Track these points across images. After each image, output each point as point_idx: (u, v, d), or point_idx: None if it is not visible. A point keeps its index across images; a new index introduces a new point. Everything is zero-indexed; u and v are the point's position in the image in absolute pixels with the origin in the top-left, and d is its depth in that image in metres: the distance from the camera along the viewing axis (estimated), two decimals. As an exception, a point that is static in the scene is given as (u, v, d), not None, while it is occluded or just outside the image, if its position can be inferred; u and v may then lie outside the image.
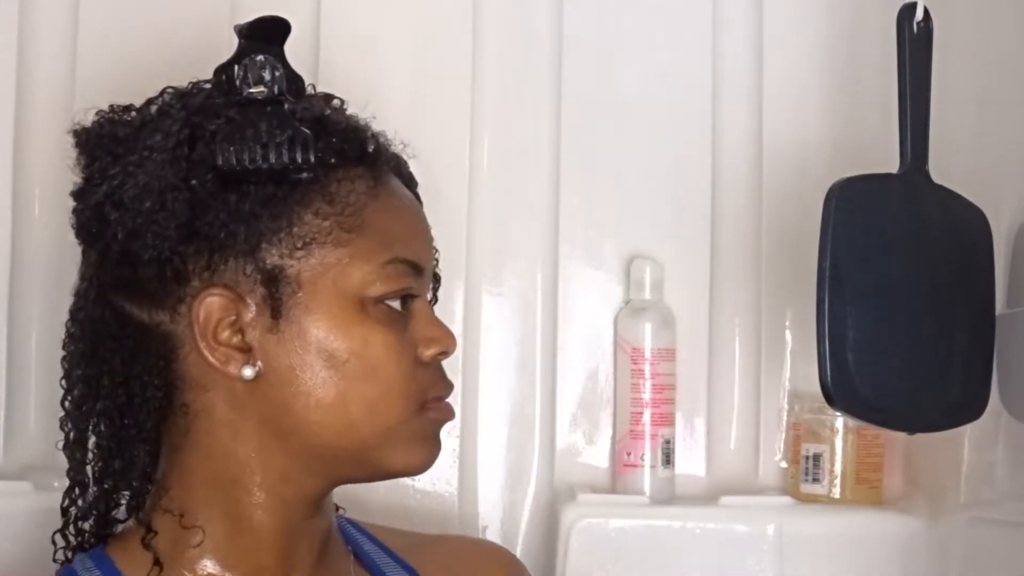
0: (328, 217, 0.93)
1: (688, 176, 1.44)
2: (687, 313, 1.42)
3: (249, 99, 0.94)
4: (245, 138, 0.92)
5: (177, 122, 0.94)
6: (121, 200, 0.93)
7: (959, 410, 1.19)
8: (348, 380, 0.93)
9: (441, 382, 0.99)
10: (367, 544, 1.06)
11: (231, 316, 0.92)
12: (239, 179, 0.92)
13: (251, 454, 0.94)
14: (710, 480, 1.43)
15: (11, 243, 1.36)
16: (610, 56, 1.44)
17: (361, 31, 1.40)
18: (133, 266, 0.93)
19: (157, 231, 0.91)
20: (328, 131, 0.95)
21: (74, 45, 1.38)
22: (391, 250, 0.95)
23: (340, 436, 0.94)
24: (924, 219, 1.17)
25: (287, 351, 0.92)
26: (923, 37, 1.16)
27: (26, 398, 1.36)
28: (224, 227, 0.91)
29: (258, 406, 0.93)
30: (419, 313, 0.97)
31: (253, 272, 0.92)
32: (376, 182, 0.96)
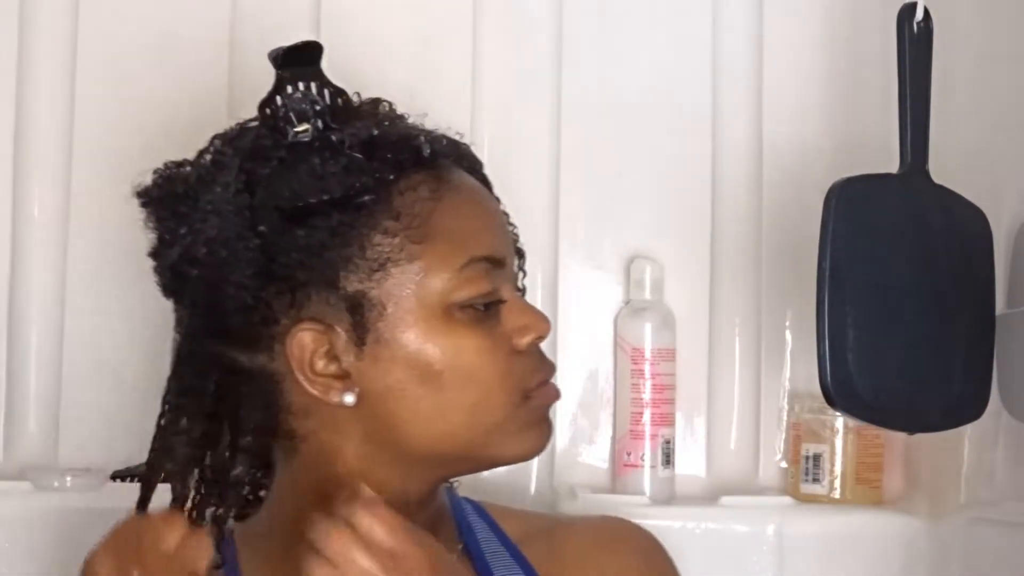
0: (397, 233, 0.93)
1: (688, 176, 1.44)
2: (687, 313, 1.42)
3: (290, 143, 0.95)
4: (300, 176, 0.93)
5: (232, 171, 0.95)
6: (196, 257, 0.94)
7: (959, 410, 1.19)
8: (446, 390, 0.94)
9: (541, 367, 0.98)
10: (482, 532, 1.04)
11: (324, 347, 0.93)
12: (304, 215, 0.93)
13: (351, 470, 0.96)
14: (710, 480, 1.43)
15: (11, 243, 1.36)
16: (610, 56, 1.44)
17: (361, 31, 1.40)
18: (222, 316, 0.95)
19: (236, 282, 0.93)
20: (380, 148, 0.95)
21: (74, 45, 1.38)
22: (466, 251, 0.95)
23: (444, 443, 0.95)
24: (924, 219, 1.17)
25: (382, 371, 0.94)
26: (923, 37, 1.16)
27: (26, 398, 1.36)
28: (299, 264, 0.93)
29: (360, 426, 0.95)
30: (509, 303, 0.97)
31: (336, 302, 0.93)
32: (438, 183, 0.96)
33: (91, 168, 1.38)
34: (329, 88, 0.98)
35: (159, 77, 1.39)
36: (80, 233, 1.38)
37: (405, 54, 1.41)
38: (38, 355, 1.36)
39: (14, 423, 1.36)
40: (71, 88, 1.38)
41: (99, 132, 1.38)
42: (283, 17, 1.40)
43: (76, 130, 1.38)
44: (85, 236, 1.38)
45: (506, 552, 1.03)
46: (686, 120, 1.44)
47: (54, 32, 1.38)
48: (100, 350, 1.37)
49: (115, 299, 1.37)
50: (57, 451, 1.36)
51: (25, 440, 1.36)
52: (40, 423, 1.36)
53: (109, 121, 1.38)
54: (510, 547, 1.04)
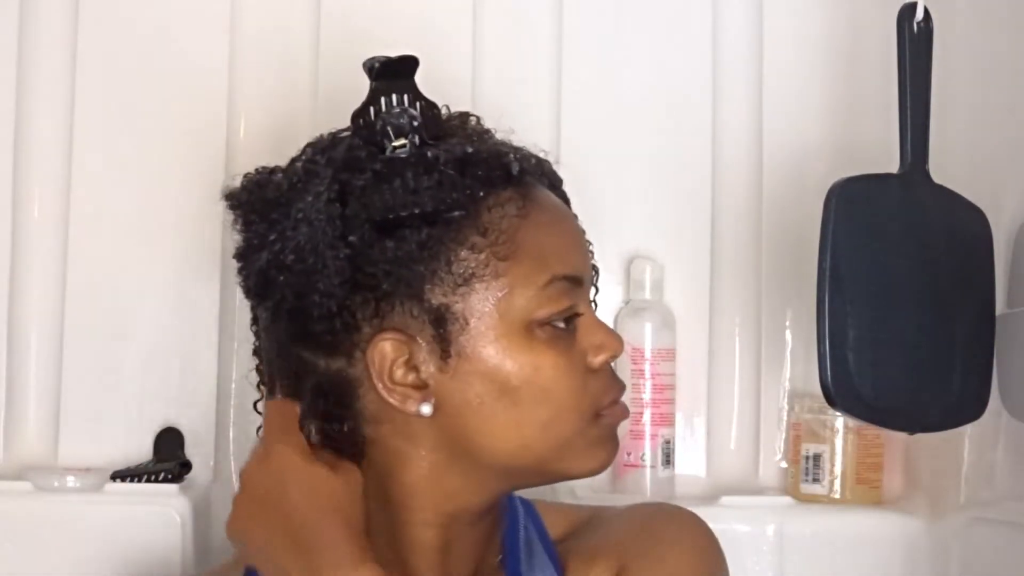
0: (483, 250, 0.95)
1: (688, 176, 1.44)
2: (687, 313, 1.42)
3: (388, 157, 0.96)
4: (394, 189, 0.94)
5: (325, 180, 0.96)
6: (284, 263, 0.96)
7: (959, 410, 1.19)
8: (521, 406, 0.95)
9: (613, 386, 1.00)
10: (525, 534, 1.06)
11: (404, 356, 0.95)
12: (394, 227, 0.94)
13: (419, 480, 0.97)
14: (710, 480, 1.43)
15: (11, 243, 1.36)
16: (610, 56, 1.44)
17: (361, 31, 1.40)
18: (305, 321, 0.96)
19: (323, 289, 0.94)
20: (472, 165, 0.96)
21: (74, 45, 1.38)
22: (549, 269, 0.96)
23: (516, 457, 0.96)
24: (924, 219, 1.17)
25: (461, 385, 0.95)
26: (923, 37, 1.16)
27: (26, 398, 1.36)
28: (387, 275, 0.94)
29: (433, 436, 0.96)
30: (584, 321, 0.99)
31: (420, 314, 0.95)
32: (525, 200, 0.97)
33: (91, 168, 1.38)
34: (422, 101, 0.99)
35: (159, 77, 1.39)
36: (80, 233, 1.38)
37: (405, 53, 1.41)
38: (38, 355, 1.36)
39: (14, 423, 1.36)
40: (71, 88, 1.38)
41: (99, 132, 1.38)
42: (283, 17, 1.40)
43: (76, 130, 1.38)
44: (85, 236, 1.38)
45: (542, 551, 1.05)
46: (686, 120, 1.44)
47: (54, 32, 1.38)
48: (100, 350, 1.37)
49: (115, 299, 1.37)
50: (57, 451, 1.36)
51: (25, 440, 1.36)
52: (40, 423, 1.36)
53: (109, 122, 1.38)
54: (547, 546, 1.05)
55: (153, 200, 1.38)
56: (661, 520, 1.08)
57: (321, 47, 1.40)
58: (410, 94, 0.99)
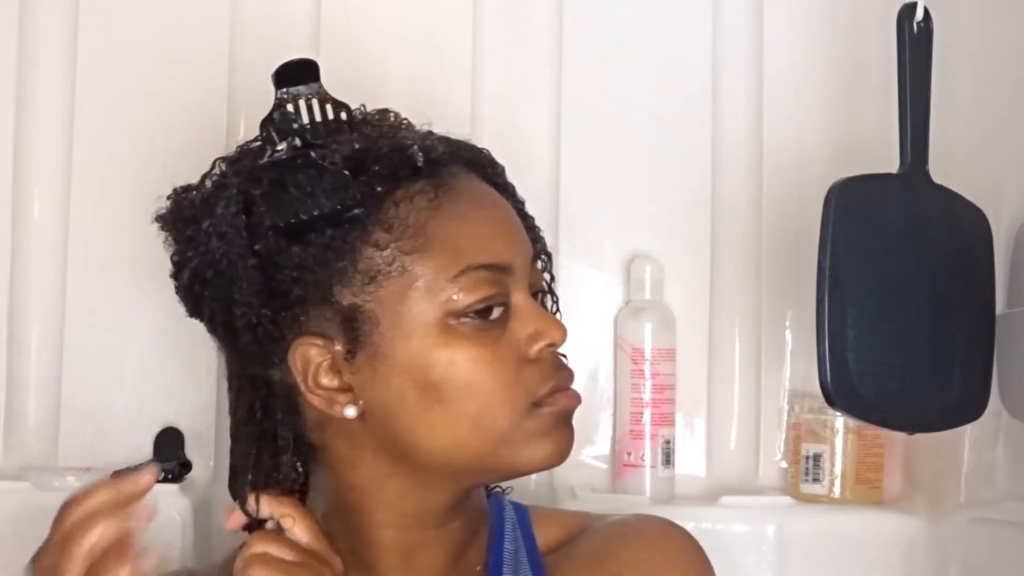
0: (388, 246, 0.94)
1: (688, 176, 1.44)
2: (687, 313, 1.42)
3: (275, 160, 0.96)
4: (291, 194, 0.94)
5: (231, 192, 0.97)
6: (205, 278, 0.97)
7: (959, 410, 1.19)
8: (445, 402, 0.94)
9: (553, 374, 0.97)
10: (511, 543, 1.04)
11: (327, 360, 0.95)
12: (297, 232, 0.94)
13: (368, 482, 0.98)
14: (710, 480, 1.43)
15: (11, 243, 1.36)
16: (610, 56, 1.44)
17: (361, 32, 1.40)
18: (235, 334, 0.96)
19: (241, 300, 0.95)
20: (369, 161, 0.95)
21: (74, 45, 1.38)
22: (462, 260, 0.94)
23: (452, 454, 0.95)
24: (924, 219, 1.17)
25: (382, 385, 0.94)
26: (923, 37, 1.16)
27: (26, 398, 1.36)
28: (296, 281, 0.94)
29: (371, 438, 0.96)
30: (519, 310, 0.97)
31: (333, 316, 0.94)
32: (437, 192, 0.96)
33: (91, 168, 1.38)
34: (329, 103, 0.99)
35: (159, 78, 1.39)
36: (80, 233, 1.38)
37: (405, 54, 1.41)
38: (38, 355, 1.36)
39: (14, 423, 1.36)
40: (71, 88, 1.38)
41: (99, 133, 1.38)
42: (283, 17, 1.40)
43: (76, 130, 1.38)
44: (85, 236, 1.38)
45: (527, 564, 1.03)
46: (686, 120, 1.44)
47: (54, 33, 1.38)
48: (100, 350, 1.37)
49: (115, 299, 1.37)
50: (57, 451, 1.36)
51: (25, 440, 1.36)
52: (40, 423, 1.36)
53: (109, 121, 1.38)
54: (533, 558, 1.04)
55: (153, 200, 1.38)
56: (652, 537, 1.05)
57: (321, 47, 1.40)
58: (317, 97, 0.99)
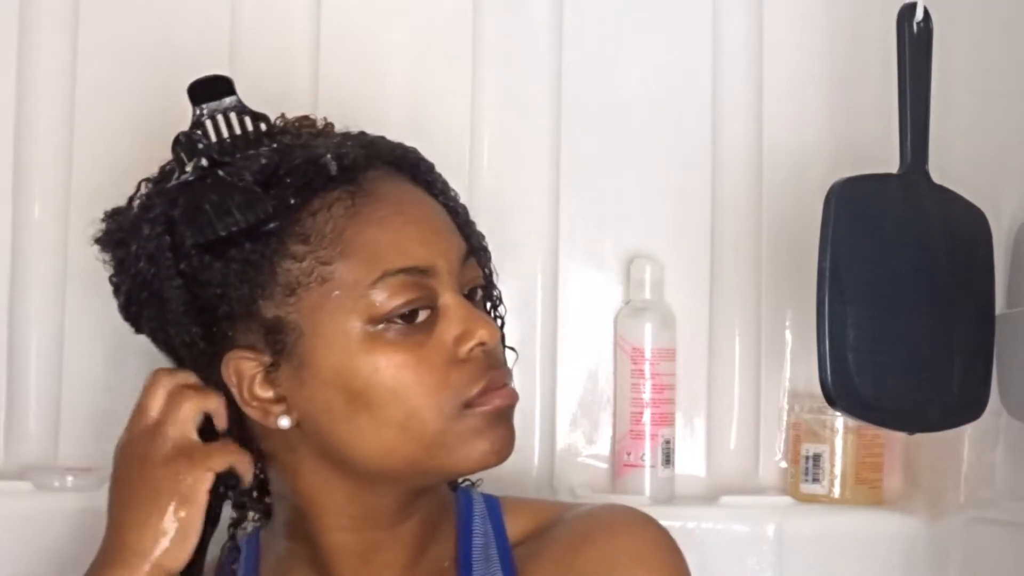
0: (304, 257, 0.94)
1: (688, 176, 1.44)
2: (687, 313, 1.42)
3: (184, 181, 0.97)
4: (206, 212, 0.94)
5: (154, 212, 0.98)
6: (139, 299, 0.99)
7: (959, 410, 1.19)
8: (371, 408, 0.94)
9: (482, 375, 0.96)
10: (480, 536, 1.04)
11: (259, 372, 0.96)
12: (217, 249, 0.95)
13: (312, 488, 0.99)
14: (710, 480, 1.42)
15: (11, 243, 1.36)
16: (610, 56, 1.44)
17: (361, 32, 1.40)
18: (175, 352, 1.00)
19: (172, 320, 0.96)
20: (282, 174, 0.95)
21: (74, 45, 1.38)
22: (380, 265, 0.94)
23: (384, 460, 0.96)
24: (924, 219, 1.17)
25: (311, 394, 0.95)
26: (923, 37, 1.16)
27: (26, 398, 1.36)
28: (221, 297, 0.95)
29: (308, 446, 0.97)
30: (447, 310, 0.96)
31: (258, 328, 0.95)
32: (354, 199, 0.96)
33: (91, 168, 1.38)
34: (248, 115, 1.00)
35: (159, 77, 1.39)
36: (80, 233, 1.37)
37: (405, 54, 1.41)
38: (38, 355, 1.36)
39: (14, 423, 1.36)
40: (71, 88, 1.38)
41: (99, 132, 1.38)
42: (283, 18, 1.40)
43: (76, 130, 1.38)
44: (85, 236, 1.37)
45: (496, 557, 1.03)
46: (686, 120, 1.44)
47: (54, 32, 1.37)
48: (101, 350, 1.37)
49: (115, 299, 1.37)
50: (57, 451, 1.36)
51: (25, 440, 1.36)
52: (40, 423, 1.36)
53: (109, 121, 1.38)
54: (503, 550, 1.03)
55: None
56: (619, 528, 1.05)
57: (321, 47, 1.40)
58: (235, 110, 1.00)
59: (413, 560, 1.01)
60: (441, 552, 1.03)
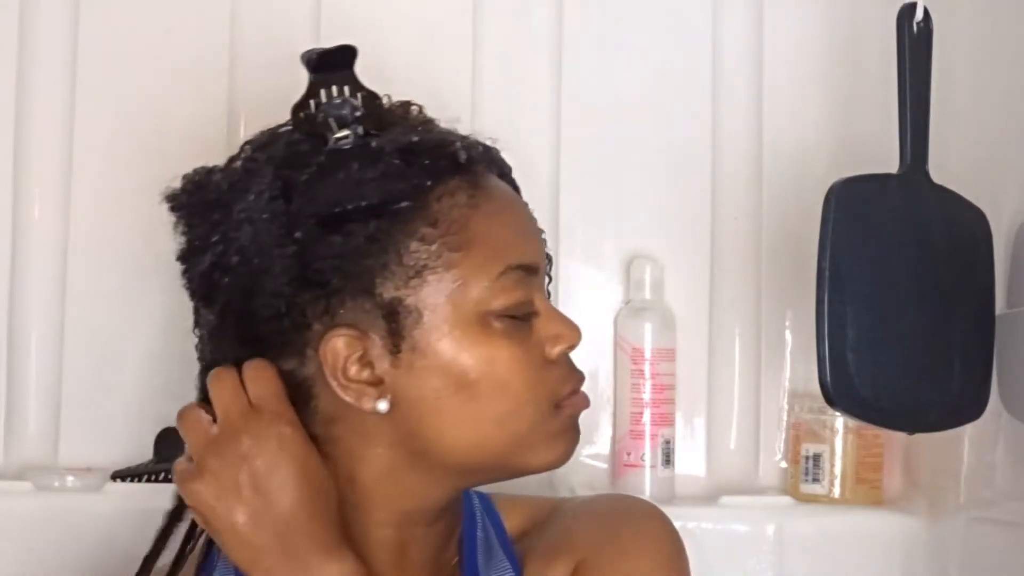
0: (434, 241, 0.93)
1: (688, 176, 1.44)
2: (687, 313, 1.42)
3: (337, 148, 0.94)
4: (339, 181, 0.92)
5: (266, 177, 0.94)
6: (228, 265, 0.94)
7: (959, 410, 1.19)
8: (478, 400, 0.93)
9: (572, 376, 0.98)
10: (481, 530, 1.04)
11: (358, 352, 0.92)
12: (341, 222, 0.92)
13: (376, 479, 0.96)
14: (710, 480, 1.43)
15: (11, 243, 1.36)
16: (610, 56, 1.44)
17: (361, 31, 1.40)
18: (253, 323, 0.94)
19: (271, 289, 0.92)
20: (418, 154, 0.94)
21: (74, 45, 1.38)
22: (503, 259, 0.94)
23: (474, 452, 0.94)
24: (924, 219, 1.17)
25: (416, 379, 0.93)
26: (923, 37, 1.16)
27: (26, 398, 1.36)
28: (336, 271, 0.92)
29: (389, 433, 0.94)
30: (541, 311, 0.97)
31: (372, 308, 0.92)
32: (475, 189, 0.95)
33: (91, 168, 1.38)
34: (363, 91, 0.97)
35: (159, 78, 1.39)
36: (80, 233, 1.38)
37: (405, 53, 1.41)
38: (38, 355, 1.36)
39: (14, 423, 1.36)
40: (71, 88, 1.38)
41: (99, 132, 1.38)
42: (283, 17, 1.40)
43: (76, 130, 1.38)
44: (85, 236, 1.38)
45: (500, 550, 1.03)
46: (686, 120, 1.44)
47: (54, 33, 1.38)
48: (100, 350, 1.37)
49: (115, 299, 1.37)
50: (57, 451, 1.37)
51: (25, 440, 1.36)
52: (40, 423, 1.36)
53: (109, 121, 1.38)
54: (505, 544, 1.03)
55: (153, 200, 1.38)
56: (620, 513, 1.05)
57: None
58: (350, 84, 0.97)
59: (435, 556, 1.01)
60: (449, 552, 1.03)
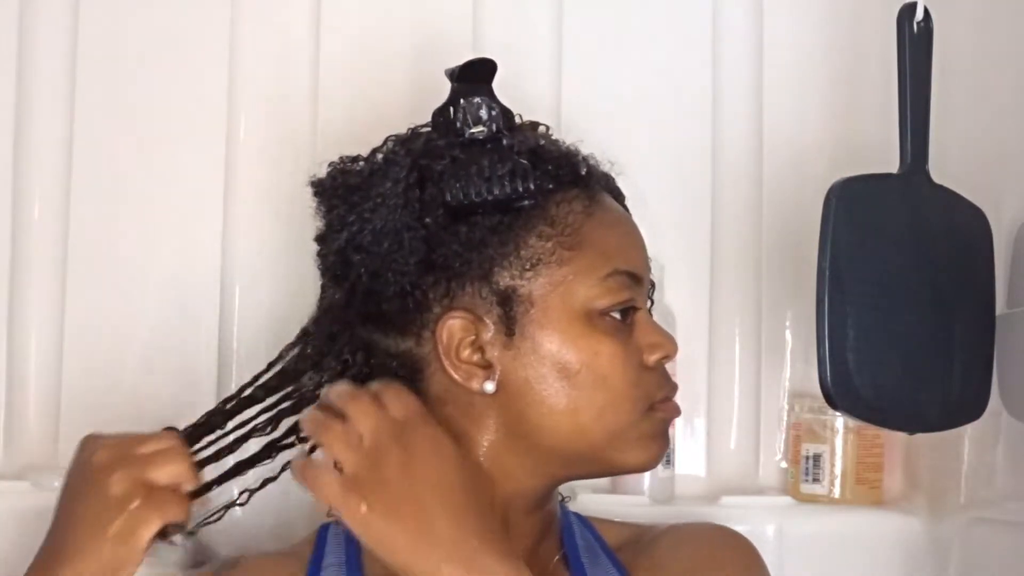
0: (551, 238, 1.01)
1: (688, 176, 1.44)
2: (687, 313, 1.42)
3: (471, 139, 1.02)
4: (470, 174, 1.00)
5: (404, 167, 1.02)
6: (361, 244, 1.02)
7: (959, 410, 1.19)
8: (579, 389, 1.00)
9: (666, 384, 1.05)
10: (583, 539, 1.09)
11: (471, 336, 1.00)
12: (468, 212, 1.00)
13: (480, 459, 1.02)
14: (710, 480, 1.43)
15: (11, 243, 1.36)
16: (610, 56, 1.44)
17: (361, 32, 1.40)
18: (378, 301, 1.02)
19: (398, 268, 1.00)
20: (544, 160, 1.02)
21: (74, 45, 1.38)
22: (611, 263, 1.02)
23: (571, 440, 1.01)
24: (924, 219, 1.17)
25: (523, 364, 1.00)
26: (923, 37, 1.16)
27: (26, 398, 1.36)
28: (458, 257, 1.00)
29: (494, 416, 1.01)
30: (641, 321, 1.04)
31: (488, 295, 1.00)
32: (591, 201, 1.04)
33: (91, 169, 1.38)
34: (501, 107, 1.04)
35: (159, 77, 1.39)
36: (80, 234, 1.37)
37: (405, 53, 1.41)
38: (38, 355, 1.36)
39: (14, 423, 1.36)
40: (71, 88, 1.38)
41: (99, 133, 1.38)
42: (283, 18, 1.40)
43: (76, 130, 1.38)
44: (85, 237, 1.38)
45: (603, 556, 1.09)
46: (686, 120, 1.44)
47: (54, 33, 1.37)
48: (100, 350, 1.37)
49: (115, 299, 1.37)
50: (57, 451, 1.36)
51: (25, 440, 1.36)
52: (40, 423, 1.36)
53: (109, 122, 1.38)
54: (607, 552, 1.09)
55: (153, 201, 1.38)
56: (721, 541, 1.12)
57: (321, 48, 1.40)
58: (487, 97, 1.04)
59: (533, 548, 1.05)
60: (549, 549, 1.07)
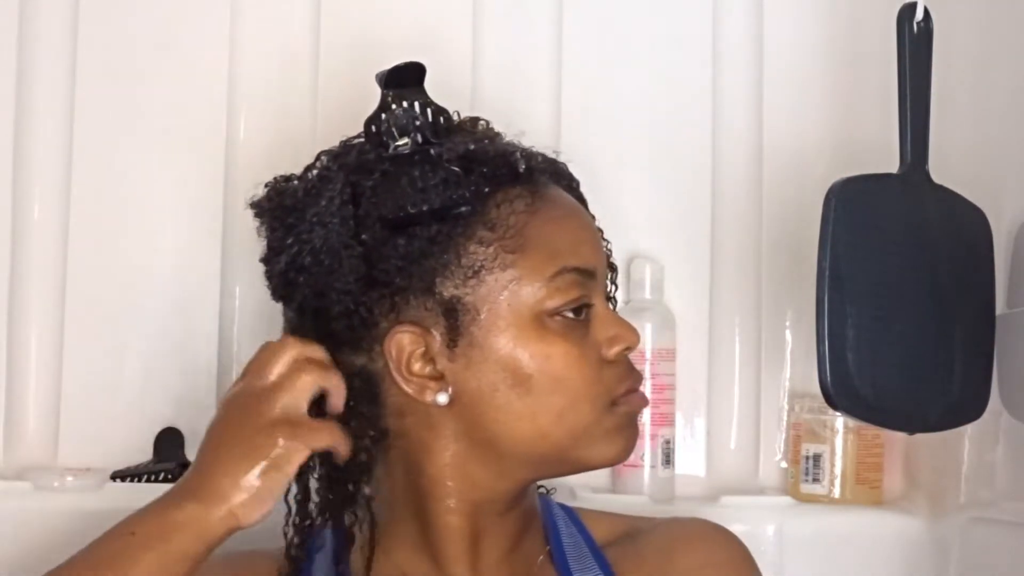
0: (491, 243, 0.99)
1: (688, 176, 1.44)
2: (687, 313, 1.42)
3: (396, 154, 1.00)
4: (402, 187, 0.99)
5: (337, 183, 1.01)
6: (303, 265, 1.00)
7: (959, 410, 1.19)
8: (534, 394, 0.99)
9: (629, 376, 1.03)
10: (568, 536, 1.09)
11: (420, 348, 0.99)
12: (404, 225, 0.98)
13: (443, 469, 1.01)
14: (710, 480, 1.43)
15: (11, 243, 1.36)
16: (610, 56, 1.44)
17: (361, 32, 1.40)
18: (326, 320, 1.00)
19: (340, 287, 0.99)
20: (478, 162, 1.00)
21: (74, 45, 1.38)
22: (557, 262, 1.00)
23: (534, 444, 1.00)
24: (924, 219, 1.17)
25: (475, 374, 0.99)
26: (923, 37, 1.16)
27: (26, 398, 1.36)
28: (399, 271, 0.98)
29: (452, 425, 1.00)
30: (598, 314, 1.02)
31: (433, 306, 0.99)
32: (534, 197, 1.01)
33: (91, 169, 1.38)
34: (431, 107, 1.03)
35: (159, 78, 1.39)
36: (80, 233, 1.37)
37: (405, 53, 1.41)
38: (38, 355, 1.36)
39: (14, 423, 1.36)
40: (71, 89, 1.38)
41: (99, 133, 1.38)
42: (283, 17, 1.40)
43: (76, 131, 1.38)
44: (85, 236, 1.38)
45: (589, 555, 1.08)
46: (686, 120, 1.44)
47: (54, 32, 1.37)
48: (100, 350, 1.37)
49: (115, 299, 1.37)
50: (57, 451, 1.36)
51: (25, 440, 1.36)
52: (40, 423, 1.36)
53: (109, 122, 1.38)
54: (594, 550, 1.08)
55: (153, 201, 1.38)
56: (713, 542, 1.11)
57: (321, 47, 1.40)
58: (420, 100, 1.03)
59: (511, 549, 1.05)
60: (533, 547, 1.07)
